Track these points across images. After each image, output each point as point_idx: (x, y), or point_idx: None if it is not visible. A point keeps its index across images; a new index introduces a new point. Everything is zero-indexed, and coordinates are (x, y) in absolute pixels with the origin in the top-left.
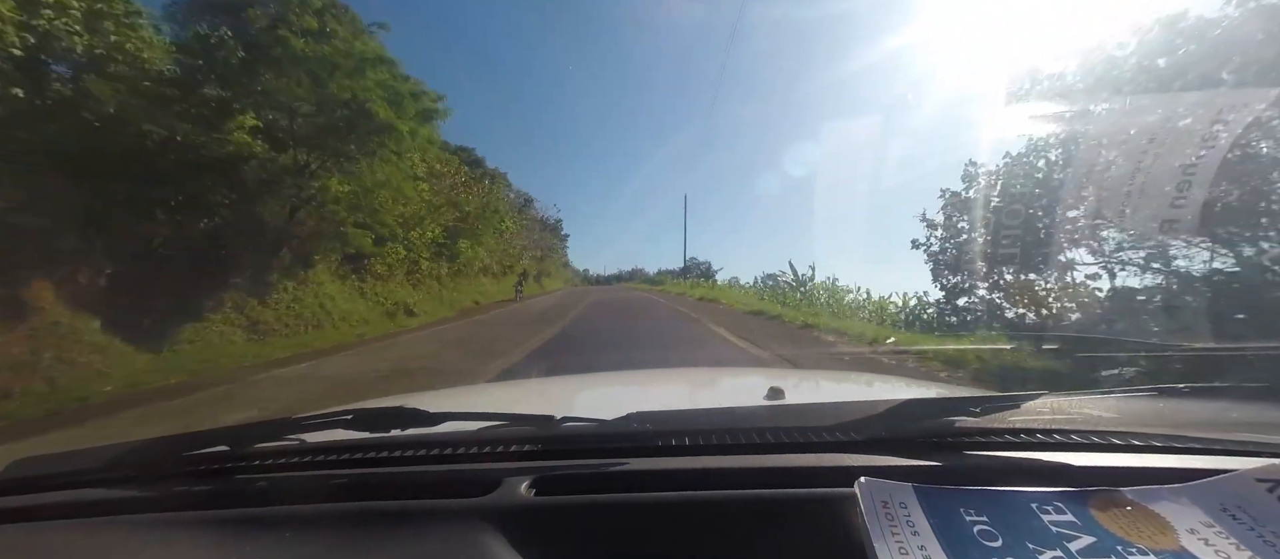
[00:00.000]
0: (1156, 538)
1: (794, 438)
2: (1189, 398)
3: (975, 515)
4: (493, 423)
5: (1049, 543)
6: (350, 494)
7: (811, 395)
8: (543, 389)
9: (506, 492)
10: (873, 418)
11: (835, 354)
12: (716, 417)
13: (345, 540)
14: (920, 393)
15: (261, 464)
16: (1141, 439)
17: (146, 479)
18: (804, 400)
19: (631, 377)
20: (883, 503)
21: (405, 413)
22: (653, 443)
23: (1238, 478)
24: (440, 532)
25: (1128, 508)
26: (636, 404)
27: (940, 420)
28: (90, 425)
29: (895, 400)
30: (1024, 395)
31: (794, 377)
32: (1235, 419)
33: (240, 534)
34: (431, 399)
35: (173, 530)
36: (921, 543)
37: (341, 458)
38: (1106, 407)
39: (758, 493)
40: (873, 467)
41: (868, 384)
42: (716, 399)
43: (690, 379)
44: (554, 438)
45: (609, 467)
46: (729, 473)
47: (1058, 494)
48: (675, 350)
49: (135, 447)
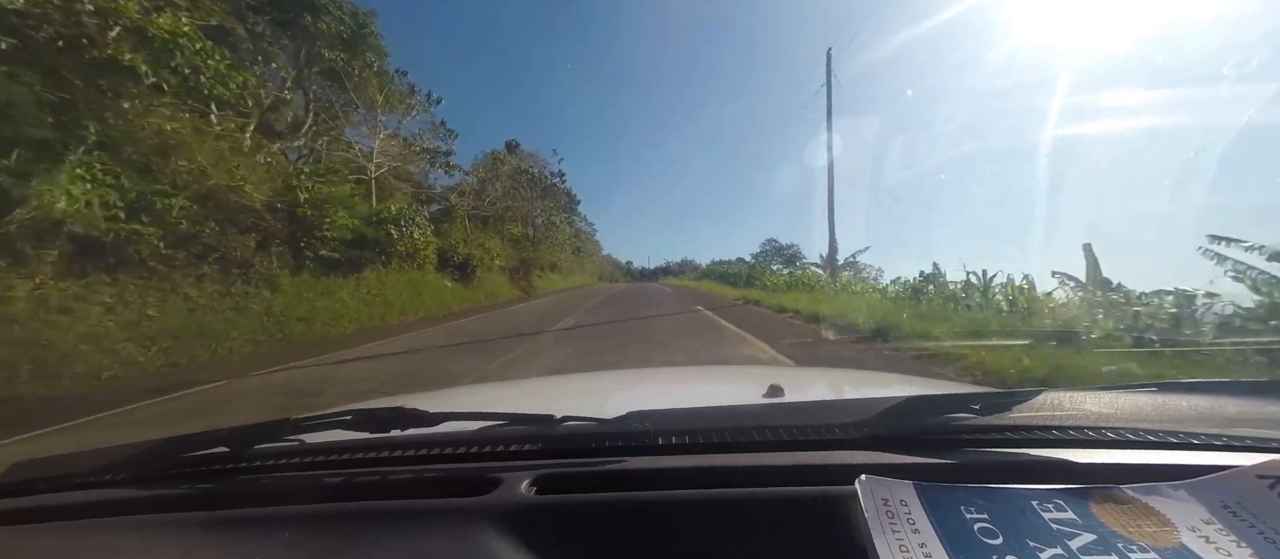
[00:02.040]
0: (1157, 535)
1: (794, 436)
2: (1189, 394)
3: (976, 513)
4: (492, 422)
5: (1050, 540)
6: (350, 494)
7: (811, 393)
8: (542, 388)
9: (507, 491)
10: (873, 416)
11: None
12: (717, 415)
13: (346, 541)
14: (920, 390)
15: (262, 465)
16: (1142, 436)
17: (147, 480)
18: (804, 398)
19: (631, 375)
20: (883, 500)
21: (405, 413)
22: (653, 442)
23: (1239, 474)
24: (441, 531)
25: (1128, 505)
26: (636, 403)
27: (941, 418)
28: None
29: (895, 398)
30: (1024, 392)
31: (794, 375)
32: (1235, 415)
33: (240, 535)
34: (431, 399)
35: (173, 531)
36: (922, 541)
37: (342, 458)
38: (1106, 403)
39: (758, 491)
40: (873, 464)
41: (868, 382)
42: (716, 397)
43: (690, 377)
44: (554, 437)
45: (609, 465)
46: (729, 471)
47: (1058, 491)
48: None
49: (135, 448)
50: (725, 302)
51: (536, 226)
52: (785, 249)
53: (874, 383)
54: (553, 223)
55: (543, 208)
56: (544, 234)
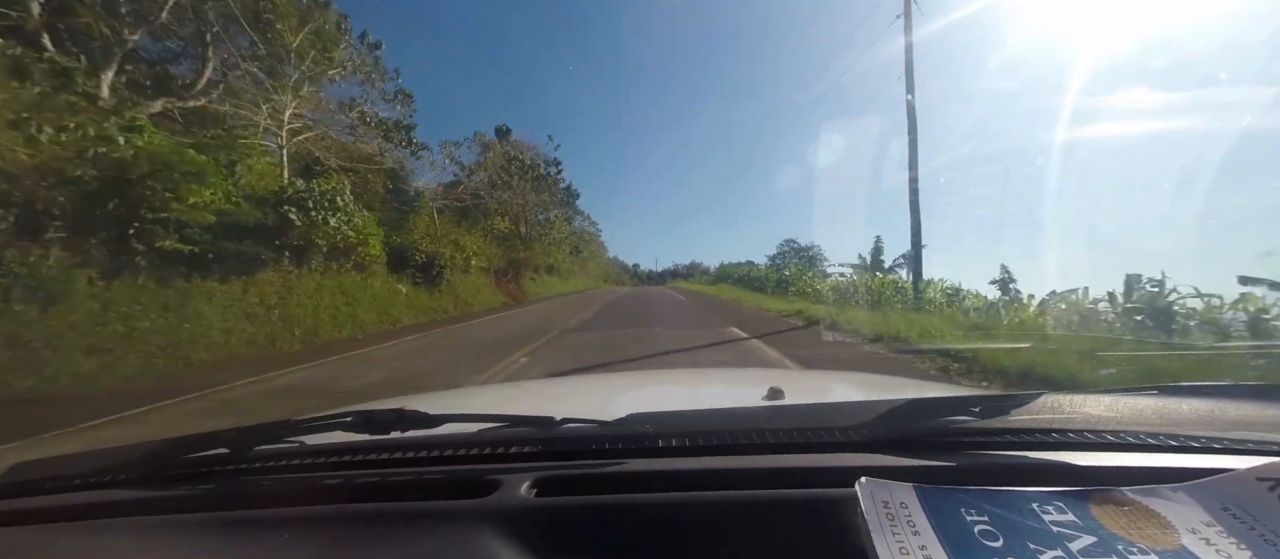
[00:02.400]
0: (1157, 537)
1: (794, 438)
2: (1189, 396)
3: (976, 515)
4: (493, 424)
5: (1050, 543)
6: (351, 496)
7: (812, 396)
8: (543, 390)
9: (507, 493)
10: (873, 418)
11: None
12: (717, 417)
13: (346, 542)
14: (920, 393)
15: (262, 466)
16: (1142, 438)
17: (147, 481)
18: (804, 401)
19: (632, 377)
20: (883, 503)
21: (405, 414)
22: (653, 444)
23: (1238, 477)
24: (441, 533)
25: (1128, 507)
26: (637, 405)
27: (941, 420)
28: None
29: (896, 400)
30: (1024, 395)
31: (794, 377)
32: (1235, 418)
33: (241, 536)
34: (431, 401)
35: (173, 533)
36: (922, 543)
37: (342, 460)
38: (1106, 406)
39: (758, 493)
40: (873, 467)
41: (868, 384)
42: (717, 400)
43: (691, 380)
44: (554, 439)
45: (609, 467)
46: (729, 473)
47: (1058, 494)
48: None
49: (136, 449)
50: (767, 318)
51: (529, 223)
52: (806, 250)
53: (874, 386)
54: (548, 220)
55: (537, 202)
56: (539, 232)
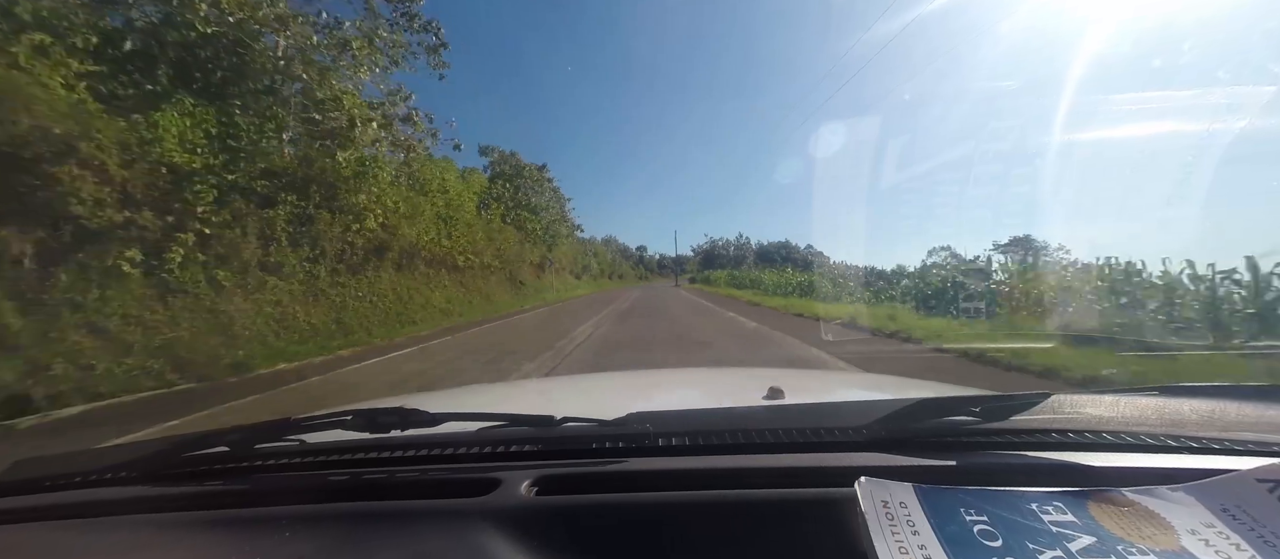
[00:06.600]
0: (1157, 538)
1: (794, 438)
2: (1189, 397)
3: (975, 515)
4: (493, 423)
5: (1049, 543)
6: (351, 494)
7: (812, 395)
8: (543, 389)
9: (507, 492)
10: (873, 418)
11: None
12: (717, 417)
13: (346, 541)
14: (920, 393)
15: (262, 465)
16: (1142, 439)
17: (148, 480)
18: (804, 400)
19: (632, 377)
20: (883, 503)
21: (405, 413)
22: (653, 443)
23: (1238, 478)
24: (441, 532)
25: (1128, 508)
26: (637, 404)
27: (940, 420)
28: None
29: (895, 400)
30: (1024, 395)
31: (794, 377)
32: (1236, 418)
33: (241, 535)
34: (432, 399)
35: (174, 531)
36: (922, 543)
37: (342, 458)
38: (1106, 406)
39: (758, 493)
40: (873, 467)
41: (868, 384)
42: (717, 399)
43: (691, 379)
44: (554, 438)
45: (610, 466)
46: (729, 473)
47: (1058, 494)
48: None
49: (136, 447)
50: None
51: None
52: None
53: (874, 385)
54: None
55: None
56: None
